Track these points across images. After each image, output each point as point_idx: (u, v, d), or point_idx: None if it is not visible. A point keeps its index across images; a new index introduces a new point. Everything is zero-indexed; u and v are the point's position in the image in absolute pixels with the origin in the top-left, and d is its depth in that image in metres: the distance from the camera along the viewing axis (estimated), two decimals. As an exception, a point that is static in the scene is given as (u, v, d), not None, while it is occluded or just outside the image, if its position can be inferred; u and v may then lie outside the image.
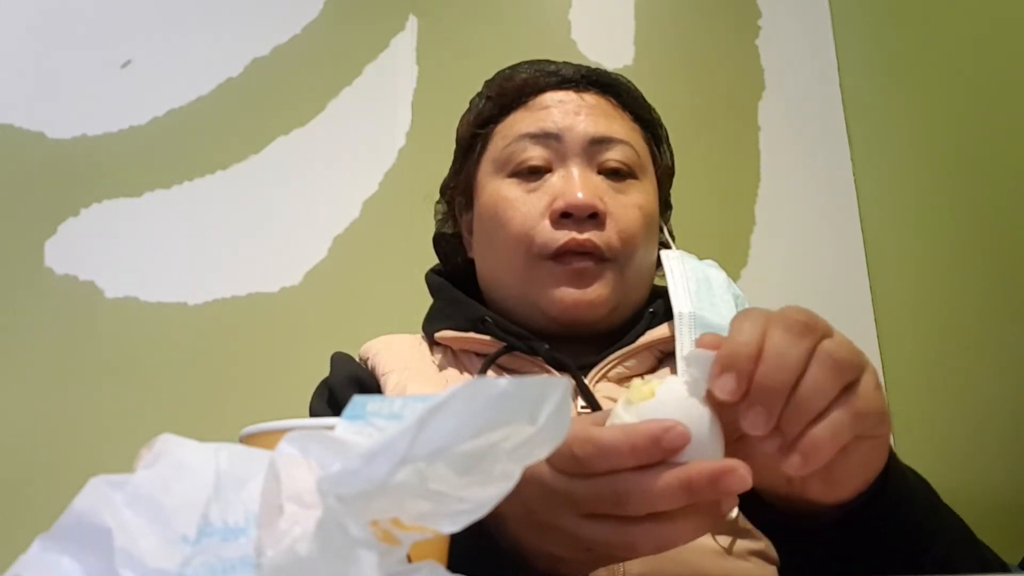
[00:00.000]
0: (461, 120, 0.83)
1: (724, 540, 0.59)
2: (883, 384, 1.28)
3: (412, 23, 1.51)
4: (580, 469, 0.38)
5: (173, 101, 1.45)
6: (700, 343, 0.40)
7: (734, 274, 1.34)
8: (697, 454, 0.37)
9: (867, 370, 0.41)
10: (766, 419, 0.37)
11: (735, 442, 0.40)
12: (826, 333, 0.40)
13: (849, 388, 0.39)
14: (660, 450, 0.36)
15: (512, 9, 1.54)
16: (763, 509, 0.48)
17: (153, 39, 1.49)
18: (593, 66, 0.81)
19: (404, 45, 1.50)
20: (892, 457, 0.45)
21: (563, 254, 0.70)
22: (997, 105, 1.05)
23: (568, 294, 0.69)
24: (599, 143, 0.73)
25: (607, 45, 1.48)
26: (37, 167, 1.40)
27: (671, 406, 0.38)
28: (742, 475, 0.35)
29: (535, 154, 0.73)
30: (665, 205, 0.83)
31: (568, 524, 0.39)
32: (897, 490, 0.45)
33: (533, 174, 0.73)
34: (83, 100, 1.44)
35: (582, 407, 0.66)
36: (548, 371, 0.69)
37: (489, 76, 0.83)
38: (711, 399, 0.38)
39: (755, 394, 0.37)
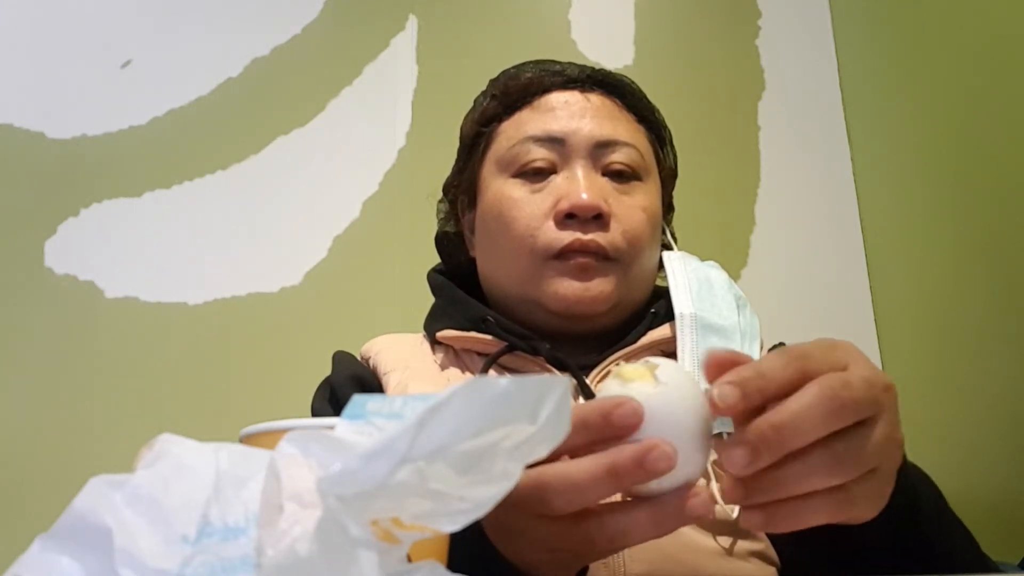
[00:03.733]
0: (465, 118, 0.83)
1: (724, 541, 0.59)
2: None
3: (412, 23, 1.51)
4: None
5: (173, 101, 1.45)
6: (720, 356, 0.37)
7: (734, 274, 1.34)
8: (685, 449, 0.35)
9: (880, 468, 0.37)
10: (747, 463, 0.34)
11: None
12: (860, 418, 0.36)
13: (845, 485, 0.36)
14: (611, 427, 0.35)
15: (512, 9, 1.54)
16: None
17: (153, 39, 1.49)
18: (594, 66, 0.81)
19: (404, 45, 1.50)
20: (902, 469, 0.43)
21: (567, 253, 0.70)
22: (997, 105, 1.04)
23: (571, 288, 0.69)
24: (604, 146, 0.73)
25: (607, 45, 1.48)
26: (37, 167, 1.40)
27: (673, 392, 0.36)
28: (665, 451, 0.34)
29: (540, 156, 0.73)
30: (667, 207, 0.83)
31: (523, 525, 0.39)
32: (905, 506, 0.44)
33: (538, 175, 0.73)
34: (83, 100, 1.44)
35: None
36: (549, 371, 0.69)
37: (489, 76, 0.83)
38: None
39: (749, 434, 0.34)
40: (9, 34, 1.47)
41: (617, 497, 0.40)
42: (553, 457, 0.36)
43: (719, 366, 0.36)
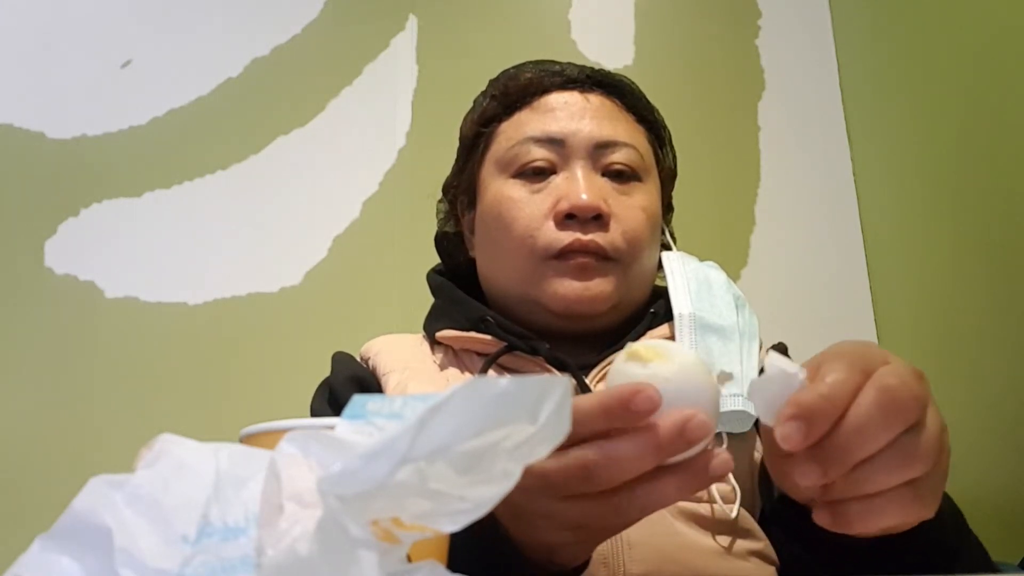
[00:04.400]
0: (465, 119, 0.83)
1: (724, 540, 0.59)
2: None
3: (412, 23, 1.51)
4: None
5: (173, 101, 1.45)
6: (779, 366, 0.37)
7: (734, 274, 1.34)
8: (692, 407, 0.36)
9: (940, 462, 0.38)
10: (818, 478, 0.35)
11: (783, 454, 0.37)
12: (919, 416, 0.37)
13: (915, 480, 0.37)
14: (631, 414, 0.36)
15: (512, 9, 1.54)
16: (789, 511, 0.48)
17: (153, 39, 1.49)
18: (593, 66, 0.81)
19: (404, 45, 1.50)
20: None
21: (566, 253, 0.70)
22: (997, 105, 1.04)
23: (571, 287, 0.70)
24: (603, 146, 0.74)
25: (607, 45, 1.48)
26: (37, 167, 1.40)
27: (687, 375, 0.37)
28: (703, 420, 0.35)
29: (539, 156, 0.73)
30: (667, 207, 0.83)
31: (550, 509, 0.39)
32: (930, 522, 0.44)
33: (537, 175, 0.74)
34: (83, 100, 1.44)
35: None
36: (549, 370, 0.69)
37: (489, 76, 0.83)
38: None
39: (821, 453, 0.35)
40: (9, 34, 1.47)
41: None
42: (568, 446, 0.37)
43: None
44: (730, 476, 0.61)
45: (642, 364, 0.38)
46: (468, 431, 0.26)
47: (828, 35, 1.51)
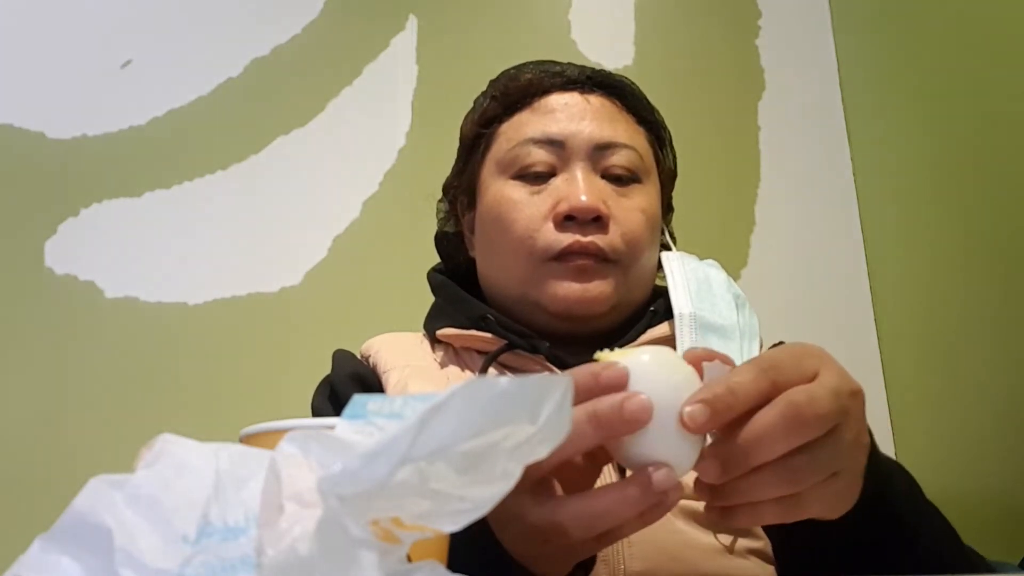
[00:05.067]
0: (465, 119, 0.83)
1: (724, 539, 0.59)
2: (885, 390, 1.29)
3: (412, 23, 1.51)
4: None
5: (173, 101, 1.45)
6: (696, 354, 0.40)
7: (734, 274, 1.34)
8: (665, 420, 0.37)
9: (835, 477, 0.40)
10: (718, 475, 0.37)
11: None
12: (822, 431, 0.38)
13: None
14: (600, 386, 0.37)
15: (512, 9, 1.54)
16: None
17: (153, 39, 1.49)
18: (594, 66, 0.81)
19: (404, 45, 1.50)
20: (874, 456, 0.45)
21: (566, 254, 0.70)
22: (997, 104, 1.04)
23: (570, 289, 0.70)
24: (603, 148, 0.74)
25: (607, 45, 1.48)
26: (37, 167, 1.40)
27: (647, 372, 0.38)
28: (642, 400, 0.36)
29: (539, 159, 0.73)
30: (667, 207, 0.83)
31: (517, 509, 0.40)
32: (879, 494, 0.45)
33: (537, 177, 0.74)
34: (83, 100, 1.44)
35: None
36: (549, 369, 0.70)
37: (489, 76, 0.83)
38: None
39: (723, 451, 0.37)
40: (9, 34, 1.47)
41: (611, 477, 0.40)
42: None
43: (696, 364, 0.39)
44: None
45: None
46: (468, 431, 0.26)
47: (828, 35, 1.51)
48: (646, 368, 0.38)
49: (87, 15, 1.49)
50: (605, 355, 0.40)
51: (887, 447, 1.25)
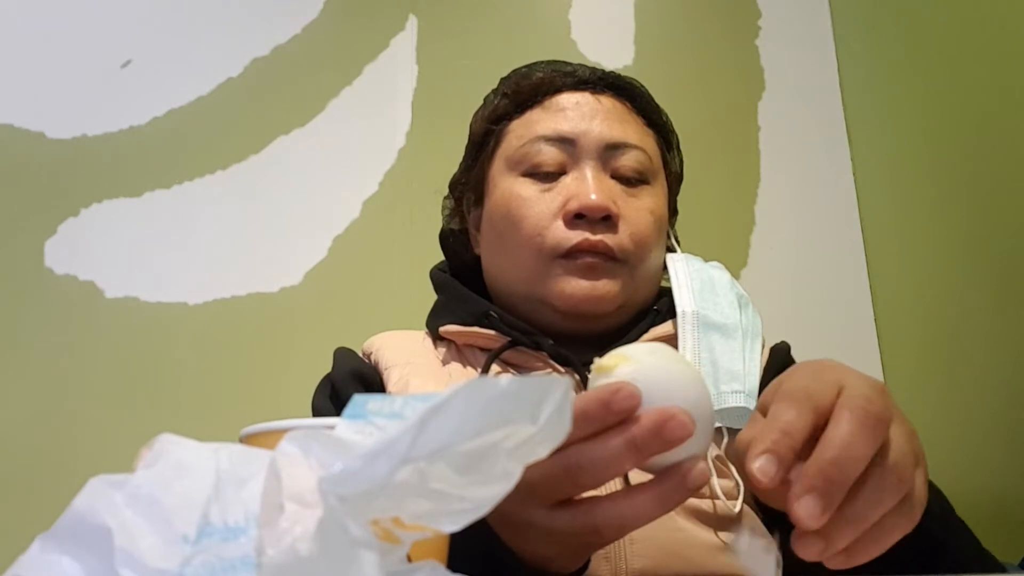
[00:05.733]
0: (475, 116, 0.83)
1: (726, 536, 0.59)
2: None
3: (412, 23, 1.51)
4: None
5: (173, 101, 1.45)
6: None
7: (734, 274, 1.33)
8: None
9: (919, 466, 0.38)
10: (823, 510, 0.34)
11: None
12: (888, 427, 0.37)
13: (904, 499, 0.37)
14: (612, 413, 0.36)
15: (512, 9, 1.54)
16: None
17: (153, 39, 1.49)
18: (594, 67, 0.81)
19: (404, 45, 1.50)
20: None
21: (574, 252, 0.70)
22: (997, 104, 1.04)
23: (578, 287, 0.70)
24: (614, 148, 0.74)
25: (607, 45, 1.48)
26: (37, 167, 1.40)
27: (652, 372, 0.37)
28: (683, 420, 0.35)
29: (550, 156, 0.74)
30: (671, 210, 0.83)
31: (538, 518, 0.39)
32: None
33: (547, 175, 0.74)
34: (83, 100, 1.44)
35: None
36: (552, 366, 0.70)
37: (489, 76, 0.83)
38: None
39: (815, 480, 0.34)
40: (9, 34, 1.47)
41: (617, 484, 0.39)
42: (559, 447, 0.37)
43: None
44: (733, 471, 0.61)
45: (610, 372, 0.38)
46: (469, 431, 0.26)
47: (828, 35, 1.51)
48: (650, 373, 0.37)
49: (87, 15, 1.49)
50: (605, 361, 0.39)
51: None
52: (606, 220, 0.70)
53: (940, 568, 0.46)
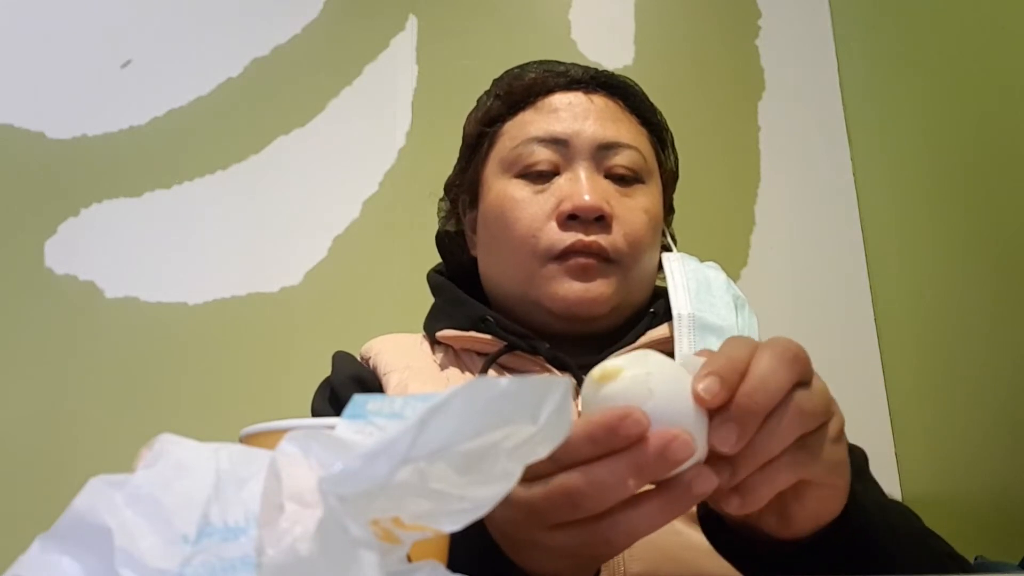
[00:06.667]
0: (468, 118, 0.83)
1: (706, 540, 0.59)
2: (885, 390, 1.29)
3: (412, 23, 1.51)
4: (543, 468, 0.37)
5: (173, 101, 1.45)
6: (697, 355, 0.40)
7: (734, 274, 1.34)
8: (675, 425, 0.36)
9: (832, 421, 0.40)
10: (738, 436, 0.36)
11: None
12: (805, 375, 0.39)
13: (805, 437, 0.38)
14: (618, 439, 0.36)
15: (512, 9, 1.54)
16: (721, 531, 0.48)
17: (153, 39, 1.49)
18: (595, 67, 0.81)
19: (404, 45, 1.50)
20: (853, 483, 0.44)
21: (568, 254, 0.70)
22: (997, 104, 1.04)
23: (572, 289, 0.70)
24: (607, 148, 0.74)
25: (607, 45, 1.48)
26: (37, 167, 1.40)
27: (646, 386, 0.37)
28: (684, 440, 0.35)
29: (543, 158, 0.73)
30: (668, 208, 0.83)
31: (541, 539, 0.39)
32: (855, 525, 0.44)
33: (541, 176, 0.74)
34: (83, 100, 1.44)
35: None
36: (549, 370, 0.69)
37: (489, 76, 0.83)
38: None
39: (733, 410, 0.36)
40: (9, 34, 1.47)
41: None
42: (559, 472, 0.37)
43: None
44: None
45: (602, 384, 0.38)
46: (469, 431, 0.26)
47: (828, 35, 1.51)
48: (649, 384, 0.37)
49: (87, 15, 1.49)
50: (602, 370, 0.39)
51: (887, 447, 1.25)
52: (600, 220, 0.70)
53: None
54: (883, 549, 0.46)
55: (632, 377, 0.37)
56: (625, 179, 0.74)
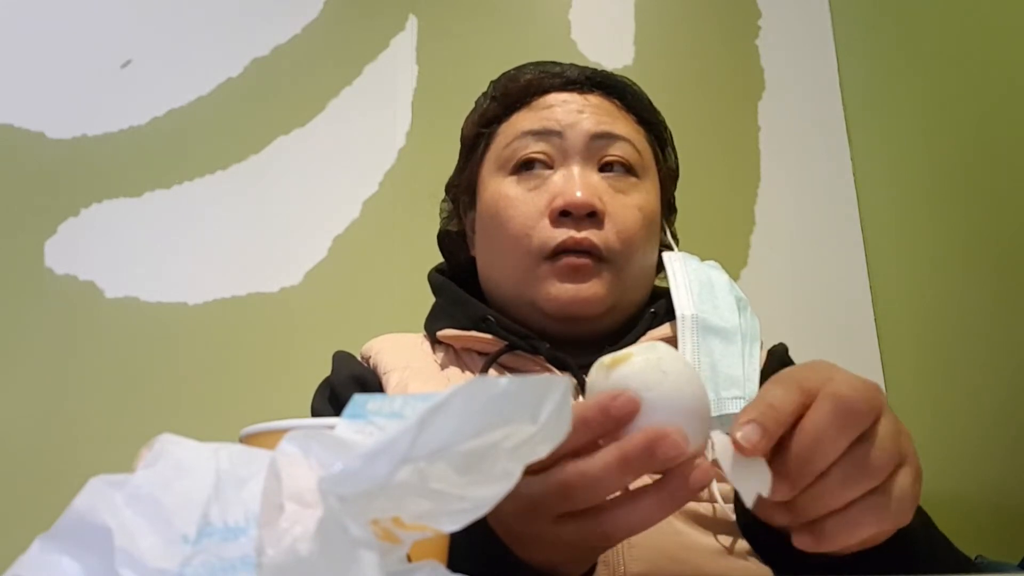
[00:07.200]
0: (466, 120, 0.83)
1: (725, 540, 0.59)
2: (885, 390, 1.29)
3: (412, 23, 1.51)
4: (544, 458, 0.38)
5: (173, 101, 1.45)
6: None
7: (734, 274, 1.34)
8: (676, 414, 0.36)
9: (905, 465, 0.38)
10: (789, 489, 0.36)
11: None
12: (870, 422, 0.37)
13: (880, 486, 0.37)
14: (611, 419, 0.36)
15: (512, 9, 1.54)
16: (763, 535, 0.48)
17: (153, 39, 1.49)
18: (594, 67, 0.81)
19: (404, 45, 1.50)
20: None
21: (560, 252, 0.70)
22: (997, 104, 1.04)
23: (564, 290, 0.69)
24: (600, 139, 0.73)
25: (607, 45, 1.48)
26: (37, 167, 1.40)
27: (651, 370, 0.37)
28: (675, 440, 0.35)
29: (537, 149, 0.73)
30: (669, 208, 0.82)
31: (540, 530, 0.39)
32: (904, 541, 0.43)
33: (534, 172, 0.73)
34: (83, 100, 1.44)
35: None
36: (549, 370, 0.69)
37: (489, 76, 0.83)
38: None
39: (784, 468, 0.36)
40: (9, 34, 1.47)
41: None
42: (559, 458, 0.37)
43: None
44: None
45: (613, 369, 0.38)
46: (469, 431, 0.26)
47: (828, 35, 1.51)
48: (648, 374, 0.37)
49: (87, 15, 1.49)
50: (613, 356, 0.39)
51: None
52: (592, 217, 0.70)
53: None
54: (921, 557, 0.46)
55: (645, 360, 0.38)
56: (619, 172, 0.74)
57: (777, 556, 0.50)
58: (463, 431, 0.26)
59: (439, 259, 0.87)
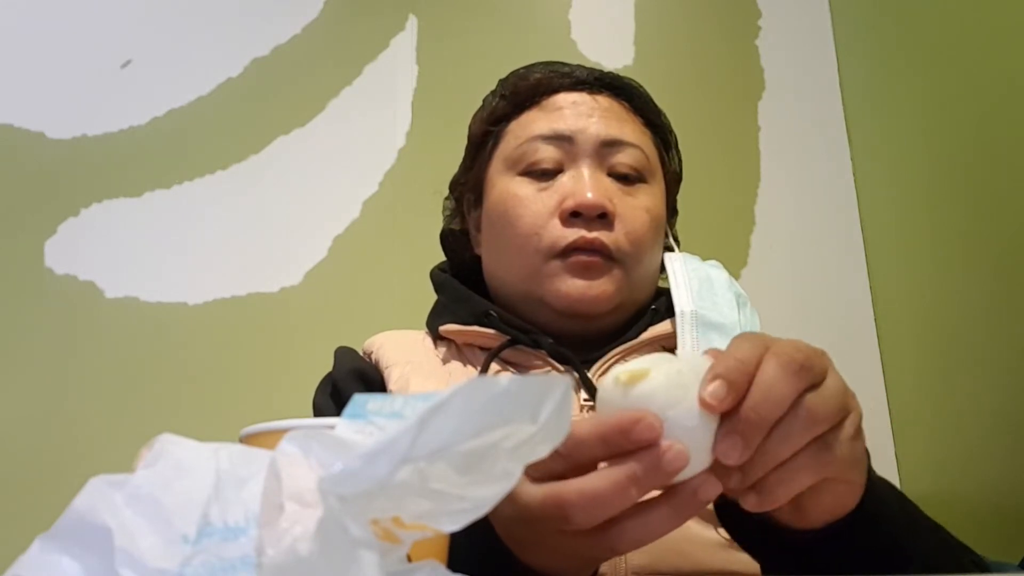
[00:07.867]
0: (474, 117, 0.83)
1: (725, 532, 0.59)
2: (885, 390, 1.29)
3: (412, 23, 1.51)
4: (554, 466, 0.37)
5: (173, 101, 1.45)
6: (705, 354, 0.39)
7: (734, 274, 1.33)
8: (697, 429, 0.36)
9: (848, 418, 0.39)
10: (742, 450, 0.36)
11: None
12: (815, 378, 0.38)
13: (823, 436, 0.38)
14: (629, 442, 0.36)
15: (512, 9, 1.54)
16: (740, 520, 0.48)
17: (153, 39, 1.49)
18: (595, 67, 0.81)
19: (404, 45, 1.50)
20: (868, 476, 0.44)
21: (571, 251, 0.70)
22: (997, 104, 1.04)
23: (574, 286, 0.70)
24: (610, 145, 0.74)
25: (607, 45, 1.48)
26: (37, 167, 1.40)
27: (667, 393, 0.36)
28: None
29: (547, 155, 0.74)
30: (671, 210, 0.83)
31: (546, 540, 0.39)
32: (872, 515, 0.44)
33: (544, 174, 0.74)
34: (83, 100, 1.44)
35: (584, 400, 0.67)
36: (552, 365, 0.70)
37: (489, 76, 0.84)
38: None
39: (737, 424, 0.36)
40: (9, 34, 1.47)
41: None
42: (570, 470, 0.37)
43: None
44: None
45: (631, 387, 0.37)
46: (469, 431, 0.26)
47: (828, 35, 1.51)
48: (675, 395, 0.36)
49: (87, 15, 1.49)
50: (629, 372, 0.38)
51: (887, 447, 1.25)
52: (602, 218, 0.71)
53: (908, 570, 0.46)
54: (900, 539, 0.46)
55: (666, 374, 0.37)
56: (628, 178, 0.74)
57: (752, 540, 0.50)
58: (463, 431, 0.26)
59: (439, 259, 0.87)
